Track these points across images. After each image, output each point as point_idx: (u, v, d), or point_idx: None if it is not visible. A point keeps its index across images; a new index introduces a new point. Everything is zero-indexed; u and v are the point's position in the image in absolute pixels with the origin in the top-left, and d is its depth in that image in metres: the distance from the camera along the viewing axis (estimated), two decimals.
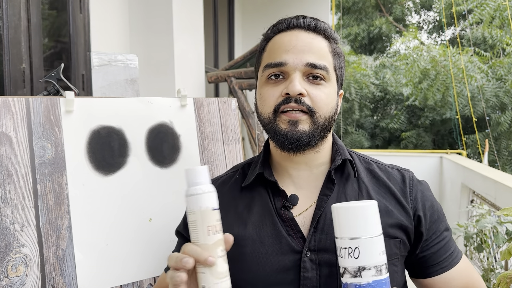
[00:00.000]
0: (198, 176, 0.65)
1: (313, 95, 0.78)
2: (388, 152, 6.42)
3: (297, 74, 0.78)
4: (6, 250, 0.88)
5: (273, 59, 0.80)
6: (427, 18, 11.50)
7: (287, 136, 0.78)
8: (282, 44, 0.80)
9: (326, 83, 0.79)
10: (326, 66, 0.79)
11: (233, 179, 0.90)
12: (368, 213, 0.67)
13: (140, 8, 3.03)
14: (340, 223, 0.67)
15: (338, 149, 0.86)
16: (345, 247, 0.66)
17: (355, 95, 8.43)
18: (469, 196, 4.03)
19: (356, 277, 0.65)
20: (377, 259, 0.65)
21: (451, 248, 0.85)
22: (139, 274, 1.03)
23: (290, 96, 0.77)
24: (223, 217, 0.84)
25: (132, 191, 1.04)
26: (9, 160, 0.90)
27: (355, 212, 0.66)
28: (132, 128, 1.05)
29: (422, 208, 0.83)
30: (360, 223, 0.66)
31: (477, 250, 2.69)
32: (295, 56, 0.78)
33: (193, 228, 0.65)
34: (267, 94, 0.80)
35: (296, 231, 0.79)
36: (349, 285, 0.65)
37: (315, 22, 0.81)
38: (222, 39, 5.22)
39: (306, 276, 0.76)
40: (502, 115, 7.23)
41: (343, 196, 0.82)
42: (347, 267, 0.65)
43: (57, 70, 1.06)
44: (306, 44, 0.79)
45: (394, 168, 0.89)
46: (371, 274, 0.64)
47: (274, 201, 0.82)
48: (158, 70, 3.06)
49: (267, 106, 0.80)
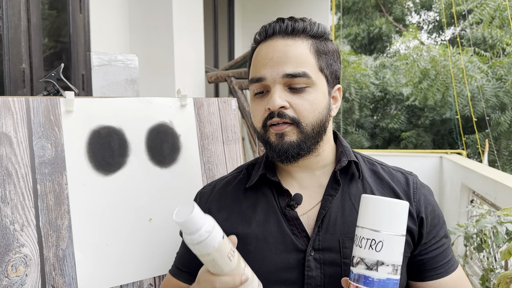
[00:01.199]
0: (195, 223, 0.62)
1: (296, 105, 0.77)
2: (388, 152, 6.41)
3: (277, 88, 0.77)
4: (6, 250, 0.88)
5: (254, 74, 0.81)
6: (427, 18, 11.50)
7: (276, 148, 0.79)
8: (260, 57, 0.80)
9: (310, 89, 0.78)
10: (305, 72, 0.77)
11: (238, 179, 0.91)
12: (400, 210, 0.66)
13: (140, 8, 3.03)
14: (368, 213, 0.66)
15: (344, 150, 0.86)
16: (367, 238, 0.65)
17: (355, 95, 8.43)
18: (469, 196, 4.03)
19: (371, 270, 0.64)
20: (397, 258, 0.65)
21: (448, 256, 0.85)
22: (139, 274, 1.03)
23: (272, 111, 0.78)
24: (227, 217, 0.85)
25: (132, 191, 1.04)
26: (9, 160, 0.90)
27: (389, 206, 0.65)
28: (132, 128, 1.05)
29: (425, 211, 0.83)
30: (391, 218, 0.65)
31: (477, 250, 2.69)
32: (272, 69, 0.78)
33: (212, 265, 0.65)
34: (255, 110, 0.82)
35: (300, 230, 0.80)
36: (361, 276, 0.64)
37: (292, 24, 0.80)
38: (222, 39, 5.22)
39: (310, 275, 0.77)
40: (502, 115, 7.23)
41: (347, 196, 0.82)
42: (364, 258, 0.65)
43: (57, 70, 1.06)
44: (281, 54, 0.78)
45: (398, 170, 0.89)
46: (388, 271, 0.64)
47: (278, 200, 0.83)
48: (158, 70, 3.06)
49: (256, 121, 0.82)
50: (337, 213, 0.80)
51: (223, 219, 0.84)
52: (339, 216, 0.80)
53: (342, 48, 9.34)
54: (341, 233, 0.79)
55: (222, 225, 0.83)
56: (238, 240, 0.81)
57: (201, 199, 0.91)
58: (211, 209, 0.87)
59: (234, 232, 0.81)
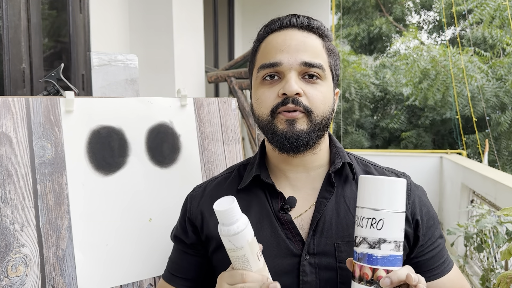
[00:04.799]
0: (234, 214, 0.65)
1: (310, 94, 0.77)
2: (388, 152, 6.41)
3: (293, 74, 0.76)
4: (6, 250, 0.88)
5: (268, 60, 0.78)
6: (427, 18, 11.50)
7: (286, 135, 0.76)
8: (276, 44, 0.79)
9: (322, 82, 0.78)
10: (321, 64, 0.78)
11: (229, 180, 0.89)
12: (398, 187, 0.67)
13: (140, 8, 3.03)
14: (367, 193, 0.67)
15: (338, 151, 0.85)
16: (368, 217, 0.66)
17: (355, 95, 8.43)
18: (469, 196, 4.03)
19: (374, 248, 0.65)
20: (398, 234, 0.66)
21: (443, 256, 0.85)
22: (139, 274, 1.03)
23: (287, 97, 0.76)
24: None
25: (132, 191, 1.04)
26: (9, 160, 0.90)
27: (386, 184, 0.67)
28: (132, 128, 1.05)
29: (420, 212, 0.82)
30: (390, 196, 0.66)
31: (477, 250, 2.69)
32: (290, 55, 0.77)
33: (242, 261, 0.66)
34: (264, 96, 0.79)
35: (295, 234, 0.78)
36: (364, 255, 0.65)
37: (308, 21, 0.80)
38: (222, 39, 5.22)
39: (306, 280, 0.76)
40: (502, 115, 7.22)
41: (342, 199, 0.81)
42: (367, 237, 0.65)
43: (57, 70, 1.06)
44: (300, 42, 0.78)
45: (392, 171, 0.88)
46: (390, 248, 0.65)
47: (272, 203, 0.81)
48: (158, 70, 3.06)
49: (264, 107, 0.78)
50: (331, 216, 0.79)
51: (215, 223, 0.83)
52: (334, 219, 0.79)
53: (342, 48, 9.34)
54: (336, 236, 0.78)
55: (214, 230, 0.81)
56: None
57: (192, 203, 0.88)
58: (203, 212, 0.85)
59: None
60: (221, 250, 0.82)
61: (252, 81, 0.85)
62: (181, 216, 0.90)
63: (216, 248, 0.82)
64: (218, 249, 0.82)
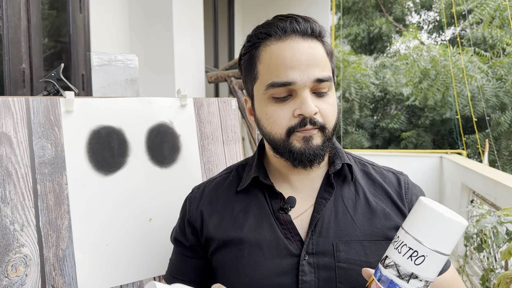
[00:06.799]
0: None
1: (323, 110, 0.76)
2: (388, 152, 6.41)
3: (307, 92, 0.74)
4: (6, 250, 0.88)
5: (278, 77, 0.74)
6: (427, 18, 11.50)
7: (304, 153, 0.75)
8: (285, 58, 0.74)
9: (329, 92, 0.77)
10: (330, 76, 0.76)
11: (227, 181, 0.88)
12: (456, 229, 0.61)
13: (140, 8, 3.03)
14: (421, 222, 0.61)
15: (337, 152, 0.85)
16: (409, 247, 0.61)
17: (355, 95, 8.44)
18: (469, 196, 4.03)
19: (402, 280, 0.60)
20: (433, 276, 0.61)
21: None
22: (139, 274, 1.03)
23: (304, 117, 0.74)
24: (219, 222, 0.83)
25: (132, 191, 1.04)
26: (9, 160, 0.90)
27: (446, 222, 0.60)
28: (132, 128, 1.05)
29: None
30: (443, 236, 0.60)
31: (477, 250, 2.69)
32: (302, 73, 0.73)
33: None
34: (275, 115, 0.76)
35: (294, 234, 0.78)
36: (388, 280, 0.61)
37: (309, 26, 0.77)
38: (222, 39, 5.22)
39: (305, 279, 0.76)
40: (502, 115, 7.23)
41: (340, 199, 0.81)
42: (399, 265, 0.61)
43: (57, 70, 1.06)
44: (309, 57, 0.74)
45: (389, 171, 0.88)
46: (418, 285, 0.61)
47: (271, 203, 0.81)
48: (158, 70, 3.06)
49: (278, 127, 0.76)
50: (330, 216, 0.79)
51: (214, 224, 0.83)
52: (332, 219, 0.79)
53: (342, 48, 9.33)
54: (334, 236, 0.78)
55: (214, 231, 0.82)
56: (231, 245, 0.80)
57: (191, 205, 0.88)
58: (203, 214, 0.85)
59: (226, 237, 0.80)
60: (221, 251, 0.82)
61: (253, 90, 0.81)
62: (180, 218, 0.90)
63: (216, 249, 0.82)
64: (218, 250, 0.82)
